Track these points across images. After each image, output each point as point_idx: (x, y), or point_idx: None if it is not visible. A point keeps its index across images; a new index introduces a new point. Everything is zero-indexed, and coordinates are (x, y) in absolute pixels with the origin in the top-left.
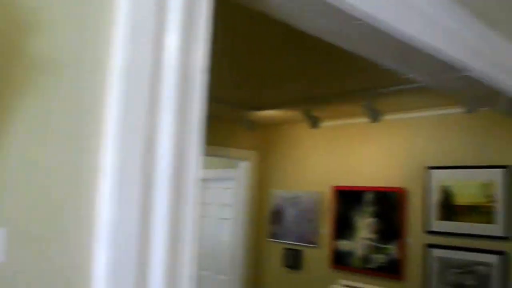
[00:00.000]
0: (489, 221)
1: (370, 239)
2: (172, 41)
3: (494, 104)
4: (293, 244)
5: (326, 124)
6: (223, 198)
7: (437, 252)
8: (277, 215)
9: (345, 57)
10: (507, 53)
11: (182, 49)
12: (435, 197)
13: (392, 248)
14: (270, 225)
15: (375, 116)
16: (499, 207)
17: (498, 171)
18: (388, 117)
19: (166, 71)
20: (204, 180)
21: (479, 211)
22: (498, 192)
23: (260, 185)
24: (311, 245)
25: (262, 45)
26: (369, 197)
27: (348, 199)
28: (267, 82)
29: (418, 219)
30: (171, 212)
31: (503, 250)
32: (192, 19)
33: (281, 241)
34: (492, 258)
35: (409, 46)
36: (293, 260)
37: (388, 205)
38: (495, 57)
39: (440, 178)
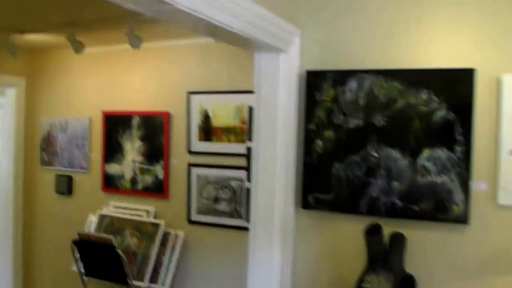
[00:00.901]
0: (241, 141)
1: (138, 162)
2: None
3: (215, 37)
4: (64, 170)
5: (93, 50)
6: None
7: (198, 171)
8: (48, 142)
9: None
10: None
11: None
12: (196, 120)
13: (158, 169)
14: (41, 152)
15: (137, 42)
16: (247, 129)
17: (248, 96)
18: (152, 44)
19: None
20: None
21: (233, 132)
22: (247, 115)
23: (30, 112)
24: (82, 170)
25: None
26: (136, 121)
27: (117, 124)
28: (28, 4)
29: (182, 141)
30: None
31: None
32: None
33: (53, 168)
34: (243, 174)
35: None
36: (65, 186)
37: (154, 128)
38: None
39: (200, 102)
